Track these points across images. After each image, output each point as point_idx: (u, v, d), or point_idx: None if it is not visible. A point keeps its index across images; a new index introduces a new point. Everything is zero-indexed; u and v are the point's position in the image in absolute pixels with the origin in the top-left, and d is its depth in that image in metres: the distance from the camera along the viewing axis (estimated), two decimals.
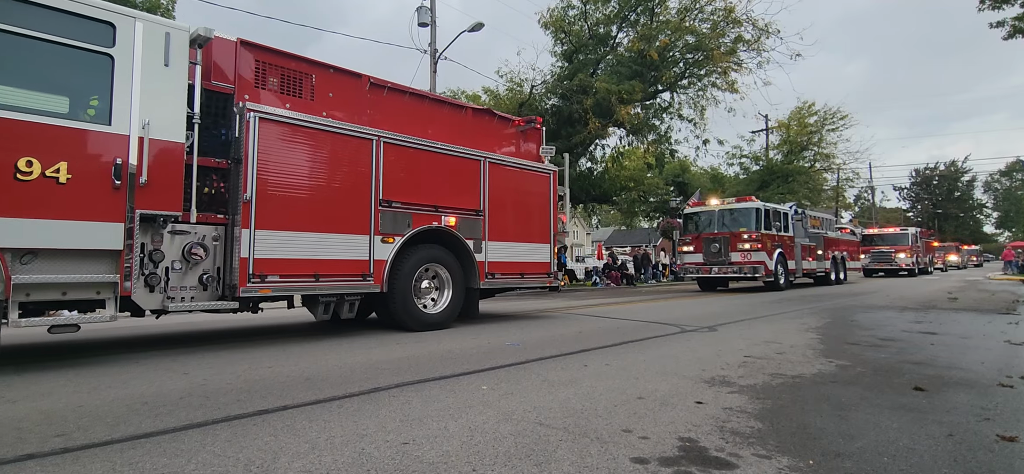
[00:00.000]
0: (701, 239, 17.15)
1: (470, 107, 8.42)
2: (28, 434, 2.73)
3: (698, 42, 18.90)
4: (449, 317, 7.13)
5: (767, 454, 2.41)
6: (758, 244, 15.92)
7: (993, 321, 7.72)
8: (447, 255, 7.19)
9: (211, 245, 5.39)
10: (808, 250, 18.87)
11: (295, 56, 6.38)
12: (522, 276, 8.07)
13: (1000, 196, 77.71)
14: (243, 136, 5.44)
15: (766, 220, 16.47)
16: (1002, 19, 14.25)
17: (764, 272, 15.87)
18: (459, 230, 7.22)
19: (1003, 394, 3.53)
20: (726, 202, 17.70)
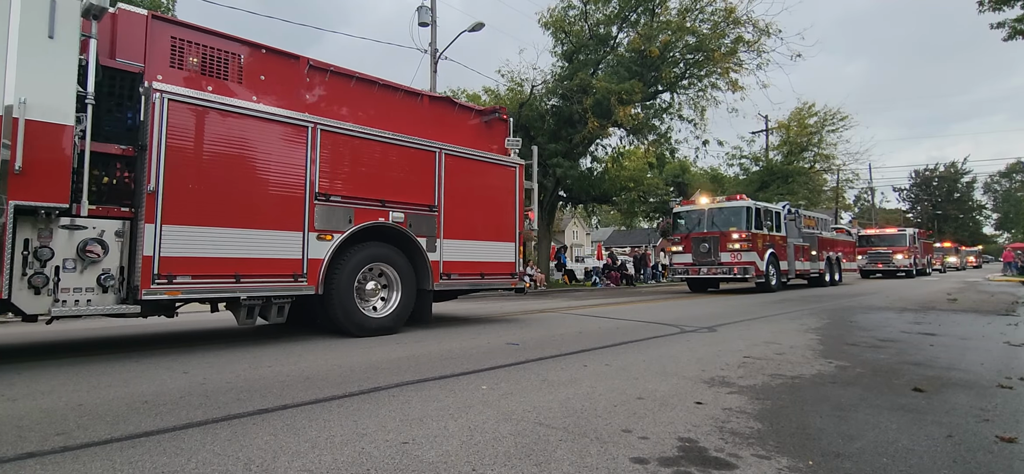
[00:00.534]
0: (690, 239, 16.83)
1: (427, 95, 7.68)
2: (28, 432, 2.73)
3: (699, 42, 18.90)
4: (397, 321, 6.60)
5: (766, 454, 2.42)
6: (748, 244, 15.57)
7: (992, 322, 7.72)
8: (396, 254, 6.64)
9: (113, 242, 4.73)
10: (801, 250, 18.55)
11: (219, 33, 5.81)
12: (482, 277, 7.50)
13: (1000, 197, 77.74)
14: (148, 119, 4.81)
15: (757, 219, 16.11)
16: (1003, 20, 14.25)
17: (755, 273, 15.52)
18: (410, 227, 6.68)
19: (1002, 395, 3.53)
20: (716, 200, 17.29)
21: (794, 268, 17.72)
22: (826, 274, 20.08)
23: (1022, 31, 13.87)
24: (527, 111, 20.23)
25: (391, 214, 6.52)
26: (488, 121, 8.26)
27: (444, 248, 7.07)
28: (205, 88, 5.50)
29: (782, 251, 17.13)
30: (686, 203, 18.12)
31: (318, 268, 5.87)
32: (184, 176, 4.97)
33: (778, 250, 16.80)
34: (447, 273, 7.10)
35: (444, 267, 7.07)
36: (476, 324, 7.79)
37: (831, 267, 20.61)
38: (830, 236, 21.83)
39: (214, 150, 5.20)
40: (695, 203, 17.61)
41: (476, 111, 8.27)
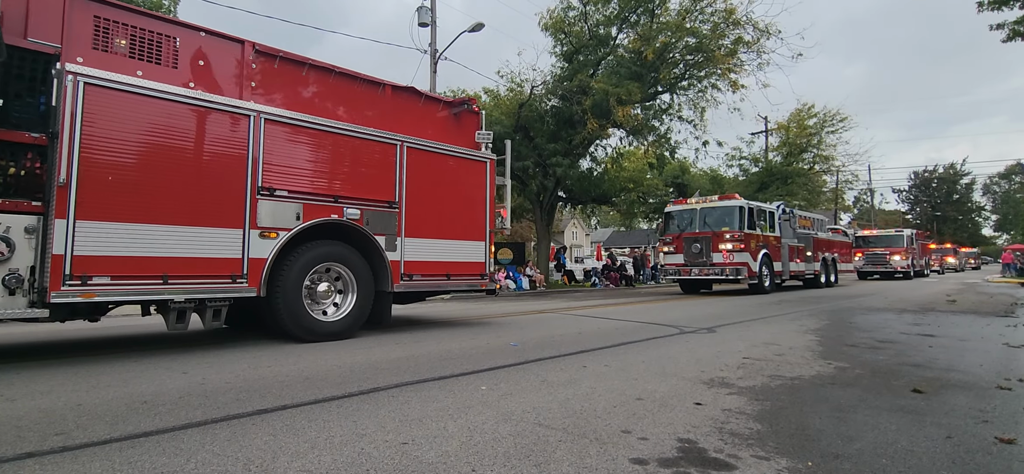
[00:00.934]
0: (682, 239, 16.42)
1: (389, 84, 7.07)
2: (27, 432, 2.73)
3: (698, 43, 18.91)
4: (352, 325, 6.20)
5: (766, 455, 2.42)
6: (741, 244, 15.15)
7: (991, 323, 7.73)
8: (351, 253, 6.22)
9: (21, 239, 4.32)
10: (796, 251, 18.18)
11: (151, 14, 5.42)
12: (448, 277, 7.09)
13: (999, 199, 77.80)
14: (60, 105, 4.38)
15: (750, 219, 15.67)
16: (1002, 21, 14.26)
17: (747, 274, 15.13)
18: (367, 224, 6.27)
19: (1001, 396, 3.53)
20: (708, 200, 16.85)
21: (788, 269, 17.42)
22: (822, 275, 19.73)
23: (1022, 32, 13.88)
24: (527, 112, 20.24)
25: (346, 210, 6.12)
26: (457, 113, 7.76)
27: (405, 247, 6.66)
28: (136, 73, 5.04)
29: (776, 252, 16.76)
30: (678, 202, 17.73)
31: (261, 268, 5.46)
32: (102, 167, 4.56)
33: (772, 251, 16.42)
34: (409, 274, 6.68)
35: (405, 267, 6.66)
36: (474, 325, 7.79)
37: (827, 268, 20.23)
38: (826, 237, 21.46)
39: (138, 140, 4.79)
40: (687, 202, 17.25)
41: (445, 103, 7.78)
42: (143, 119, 4.83)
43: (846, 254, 23.74)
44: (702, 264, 15.88)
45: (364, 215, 6.29)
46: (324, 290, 6.11)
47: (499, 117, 20.05)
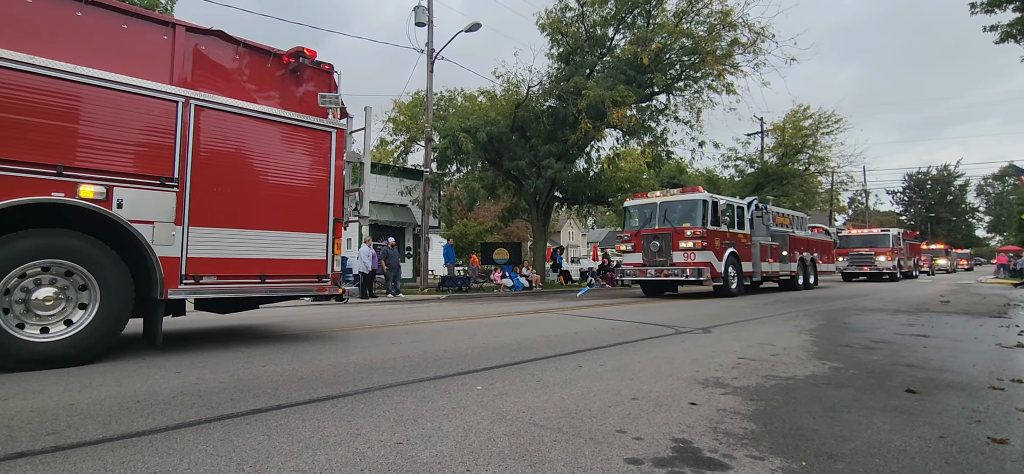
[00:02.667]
0: (641, 236, 15.10)
1: (182, 25, 5.44)
2: (19, 432, 2.71)
3: (695, 45, 18.96)
4: (91, 344, 4.56)
5: (760, 455, 2.42)
6: (703, 242, 13.86)
7: (985, 324, 7.77)
8: (92, 247, 4.60)
9: None
10: (770, 250, 16.92)
11: None
12: (263, 279, 5.50)
13: (992, 200, 78.28)
14: None
15: (714, 214, 14.39)
16: (995, 23, 14.35)
17: (710, 274, 13.89)
18: (119, 207, 4.68)
19: (994, 396, 3.55)
20: (669, 193, 15.47)
21: (760, 269, 16.20)
22: (799, 277, 18.60)
23: (1014, 34, 13.96)
24: (523, 112, 20.26)
25: (80, 187, 4.52)
26: (295, 70, 6.09)
27: (191, 239, 5.10)
28: None
29: (745, 251, 15.53)
30: (638, 196, 16.36)
31: None
32: None
33: (740, 249, 15.18)
34: (194, 275, 5.09)
35: (189, 266, 5.07)
36: (471, 325, 7.79)
37: (805, 269, 19.17)
38: (804, 235, 20.25)
39: None
40: (647, 196, 15.93)
41: (273, 55, 6.00)
42: None
43: (828, 254, 22.60)
44: (661, 264, 14.56)
45: (114, 195, 4.69)
46: (47, 297, 4.45)
47: (496, 117, 20.05)
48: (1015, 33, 13.93)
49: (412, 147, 22.65)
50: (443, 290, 18.72)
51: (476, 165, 22.27)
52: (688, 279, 14.01)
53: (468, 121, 19.26)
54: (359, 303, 13.64)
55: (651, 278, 14.88)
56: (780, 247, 17.61)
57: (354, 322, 8.36)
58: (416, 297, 15.99)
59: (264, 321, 8.50)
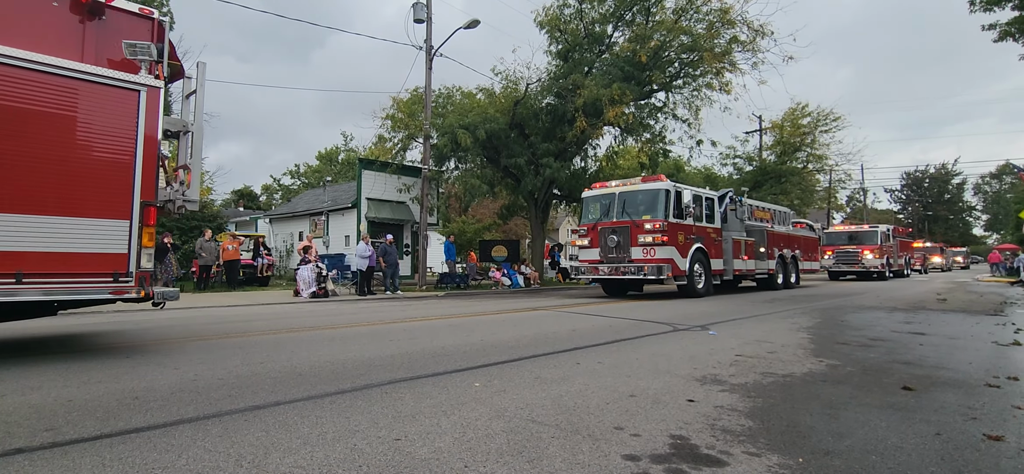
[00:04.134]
0: (598, 230, 13.72)
1: None
2: (17, 428, 2.70)
3: (693, 42, 18.93)
4: None
5: (757, 452, 2.43)
6: (664, 236, 12.48)
7: (981, 322, 7.80)
8: None
9: None
10: (744, 246, 15.65)
11: None
12: (19, 279, 4.27)
13: (990, 199, 78.53)
14: None
15: (678, 206, 13.04)
16: (994, 22, 14.37)
17: (672, 272, 12.54)
18: None
19: (990, 394, 3.57)
20: (629, 182, 14.08)
21: (732, 267, 14.93)
22: (778, 275, 17.38)
23: (1012, 33, 13.99)
24: (522, 109, 20.22)
25: None
26: (94, 11, 4.99)
27: None
28: None
29: (715, 247, 14.26)
30: (597, 186, 14.93)
31: None
32: None
33: (709, 245, 13.92)
34: None
35: None
36: (470, 322, 7.80)
37: (785, 267, 17.92)
38: (785, 231, 18.90)
39: None
40: (607, 186, 14.55)
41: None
42: None
43: (812, 252, 21.30)
44: (618, 261, 13.15)
45: None
46: None
47: (494, 114, 20.02)
48: (1013, 31, 13.96)
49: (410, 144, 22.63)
50: (441, 287, 18.72)
51: (475, 162, 22.24)
52: (646, 278, 12.68)
53: (466, 118, 19.23)
54: (357, 300, 13.64)
55: (605, 276, 13.52)
56: (757, 243, 16.42)
57: (352, 319, 8.36)
58: (414, 294, 15.99)
59: (262, 318, 8.50)
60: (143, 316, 8.92)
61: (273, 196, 58.81)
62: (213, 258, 16.53)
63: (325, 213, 25.49)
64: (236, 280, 17.28)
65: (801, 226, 21.64)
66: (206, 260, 16.25)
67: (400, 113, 21.79)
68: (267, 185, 61.13)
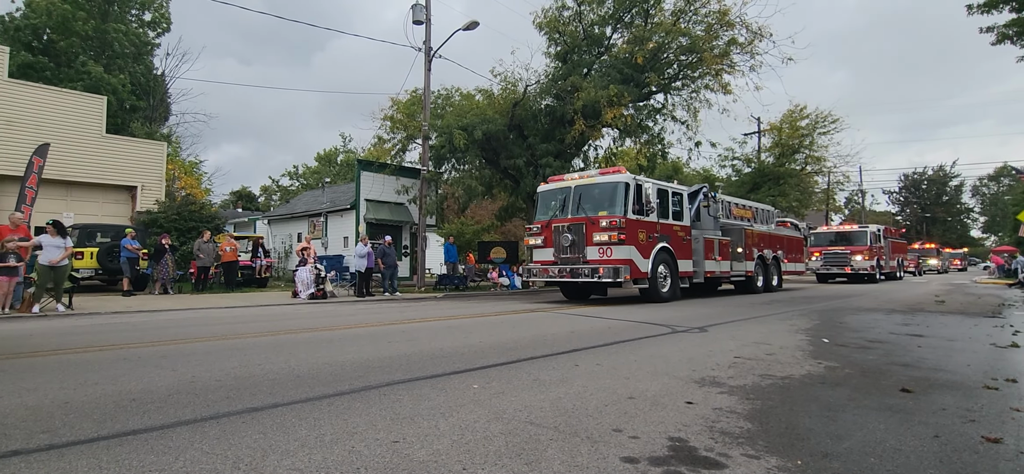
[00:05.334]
0: (552, 228, 12.47)
1: None
2: (13, 430, 2.69)
3: (692, 44, 18.96)
4: None
5: (756, 454, 2.43)
6: (622, 234, 11.24)
7: (979, 324, 7.81)
8: None
9: None
10: (718, 246, 14.52)
11: None
12: None
13: (988, 201, 78.73)
14: None
15: (638, 201, 11.78)
16: (992, 24, 14.40)
17: (632, 274, 11.33)
18: None
19: (988, 396, 3.57)
20: (585, 175, 12.96)
21: (704, 269, 13.76)
22: (758, 277, 16.23)
23: (1010, 35, 14.02)
24: (521, 110, 20.22)
25: None
26: None
27: None
28: None
29: (683, 247, 13.10)
30: (553, 179, 13.67)
31: None
32: None
33: (677, 245, 12.77)
34: None
35: None
36: (468, 323, 7.79)
37: (765, 269, 16.74)
38: (765, 230, 17.74)
39: None
40: (563, 179, 13.34)
41: None
42: None
43: (796, 253, 19.99)
44: (572, 262, 11.91)
45: None
46: None
47: (493, 115, 20.02)
48: (1011, 34, 13.99)
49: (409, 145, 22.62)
50: (440, 289, 18.70)
51: (473, 163, 22.24)
52: (601, 281, 11.34)
53: (465, 119, 19.23)
54: (356, 301, 13.62)
55: (557, 278, 12.30)
56: (733, 243, 15.27)
57: (351, 321, 8.35)
58: (413, 296, 15.98)
59: (260, 319, 8.48)
60: (141, 318, 8.90)
61: (272, 197, 58.79)
62: (211, 259, 16.50)
63: (324, 214, 25.47)
64: (234, 281, 17.25)
65: (785, 225, 20.75)
66: (204, 261, 16.22)
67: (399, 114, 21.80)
68: (266, 186, 61.13)
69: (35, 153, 15.49)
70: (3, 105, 17.59)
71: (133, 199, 20.22)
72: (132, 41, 31.81)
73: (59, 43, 28.64)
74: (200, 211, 19.92)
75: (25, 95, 18.40)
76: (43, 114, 18.26)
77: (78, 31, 28.67)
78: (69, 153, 18.32)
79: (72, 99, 19.78)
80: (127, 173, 20.13)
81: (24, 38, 28.30)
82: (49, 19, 28.50)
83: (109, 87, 27.43)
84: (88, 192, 19.48)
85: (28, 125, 17.76)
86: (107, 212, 19.76)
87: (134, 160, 20.46)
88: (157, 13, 34.12)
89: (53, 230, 9.96)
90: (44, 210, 16.39)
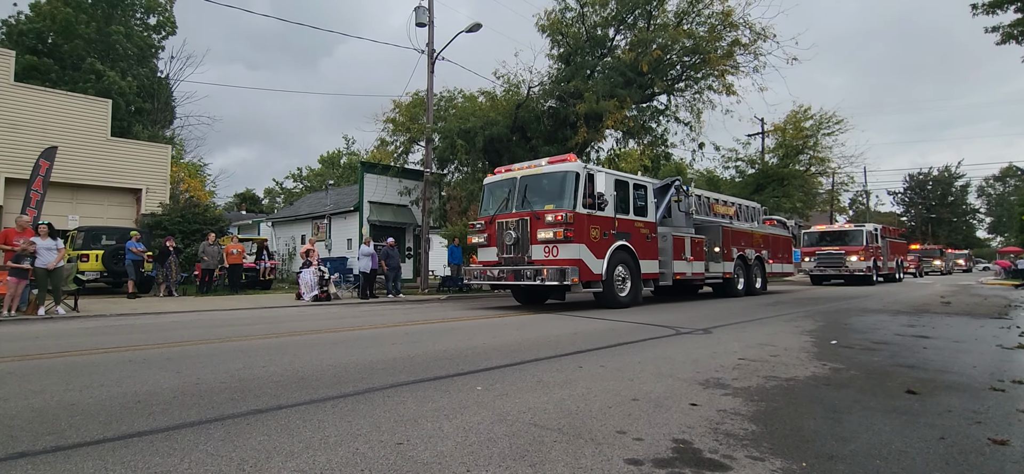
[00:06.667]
0: (495, 224, 11.04)
1: None
2: (20, 432, 2.71)
3: (695, 45, 18.94)
4: None
5: (761, 456, 2.42)
6: (569, 230, 9.84)
7: (985, 325, 7.76)
8: None
9: None
10: (691, 245, 13.13)
11: None
12: None
13: (993, 202, 78.31)
14: None
15: (590, 193, 10.33)
16: (997, 25, 14.34)
17: (581, 276, 9.88)
18: None
19: (995, 398, 3.55)
20: (533, 165, 11.37)
21: (672, 270, 12.36)
22: (738, 279, 15.06)
23: (1015, 35, 13.96)
24: (523, 113, 20.24)
25: None
26: None
27: None
28: None
29: (648, 245, 11.72)
30: (499, 170, 12.07)
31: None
32: None
33: (639, 243, 11.39)
34: None
35: None
36: (472, 325, 7.79)
37: (747, 269, 15.54)
38: (748, 228, 16.51)
39: None
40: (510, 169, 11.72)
41: None
42: None
43: (783, 252, 18.59)
44: (517, 262, 10.52)
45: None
46: None
47: (496, 117, 20.04)
48: (1016, 34, 13.93)
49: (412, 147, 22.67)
50: (443, 290, 18.71)
51: (476, 166, 22.27)
52: (544, 283, 9.95)
53: (468, 122, 19.25)
54: (359, 303, 13.64)
55: (502, 281, 10.86)
56: (709, 242, 14.02)
57: (354, 322, 8.36)
58: (416, 297, 15.99)
59: (264, 321, 8.50)
60: (146, 320, 8.93)
61: (275, 199, 58.96)
62: (215, 261, 16.56)
63: (327, 216, 25.54)
64: (238, 283, 17.31)
65: (772, 223, 19.46)
66: (208, 264, 16.27)
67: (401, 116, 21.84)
68: (269, 188, 61.35)
69: (42, 156, 15.56)
70: (9, 108, 17.70)
71: (138, 202, 20.31)
72: (136, 44, 31.99)
73: (63, 46, 28.82)
74: (204, 213, 20.00)
75: (31, 98, 18.52)
76: (49, 117, 18.37)
77: (82, 34, 28.84)
78: (74, 156, 18.42)
79: (78, 102, 19.90)
80: (132, 176, 20.23)
81: (28, 42, 28.50)
82: (53, 23, 28.70)
83: (118, 89, 27.60)
84: (93, 195, 19.59)
85: (34, 128, 17.87)
86: (112, 214, 19.87)
87: (139, 163, 20.56)
88: (162, 16, 34.30)
89: (45, 231, 10.02)
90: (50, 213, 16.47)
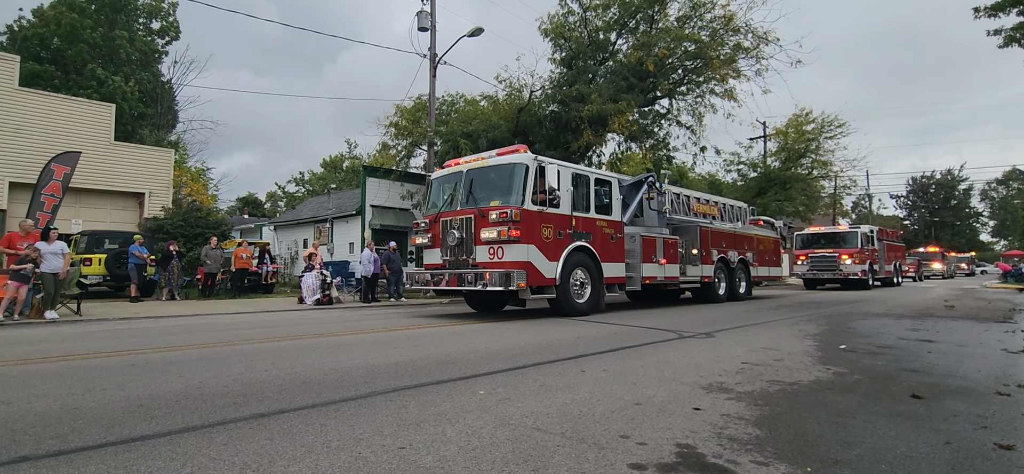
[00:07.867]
0: (440, 223, 10.00)
1: None
2: (22, 436, 2.71)
3: (698, 50, 18.96)
4: None
5: (765, 461, 2.41)
6: (515, 229, 8.82)
7: (990, 329, 7.73)
8: None
9: None
10: (664, 246, 12.00)
11: None
12: None
13: (997, 205, 78.13)
14: None
15: (540, 186, 9.27)
16: (999, 28, 14.34)
17: (529, 280, 8.86)
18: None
19: (1000, 402, 3.53)
20: (481, 158, 10.32)
21: (641, 273, 11.19)
22: (719, 283, 14.06)
23: (1017, 38, 13.95)
24: (526, 117, 20.26)
25: None
26: None
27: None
28: None
29: (612, 247, 10.70)
30: (448, 164, 10.89)
31: None
32: None
33: (601, 244, 10.37)
34: None
35: None
36: (474, 329, 7.78)
37: (729, 273, 14.51)
38: (730, 228, 15.43)
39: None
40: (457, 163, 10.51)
41: None
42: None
43: (771, 255, 17.50)
44: (461, 265, 9.54)
45: None
46: None
47: (498, 121, 20.07)
48: (1018, 37, 13.93)
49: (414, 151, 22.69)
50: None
51: None
52: (487, 288, 8.90)
53: (470, 126, 19.28)
54: (361, 307, 13.64)
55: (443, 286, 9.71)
56: (686, 243, 12.98)
57: (356, 326, 8.36)
58: (418, 301, 15.99)
59: (266, 325, 8.51)
60: (149, 324, 8.94)
61: (278, 203, 59.07)
62: (218, 265, 16.59)
63: (329, 220, 25.56)
64: (241, 287, 17.32)
65: (759, 223, 18.42)
66: (211, 267, 16.30)
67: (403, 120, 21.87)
68: (272, 192, 61.44)
69: (56, 160, 15.48)
70: (14, 113, 17.78)
71: (141, 206, 20.36)
72: (139, 49, 32.13)
73: (67, 52, 28.95)
74: (206, 217, 20.04)
75: (35, 103, 18.59)
76: (53, 122, 18.44)
77: (86, 39, 28.98)
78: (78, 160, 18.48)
79: (81, 107, 19.98)
80: (135, 180, 20.29)
81: (32, 47, 28.64)
82: (57, 28, 28.83)
83: (121, 94, 27.70)
84: (96, 199, 19.64)
85: (38, 133, 17.93)
86: (115, 218, 19.92)
87: (142, 167, 20.62)
88: (165, 21, 34.46)
89: (55, 236, 10.05)
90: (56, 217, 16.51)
